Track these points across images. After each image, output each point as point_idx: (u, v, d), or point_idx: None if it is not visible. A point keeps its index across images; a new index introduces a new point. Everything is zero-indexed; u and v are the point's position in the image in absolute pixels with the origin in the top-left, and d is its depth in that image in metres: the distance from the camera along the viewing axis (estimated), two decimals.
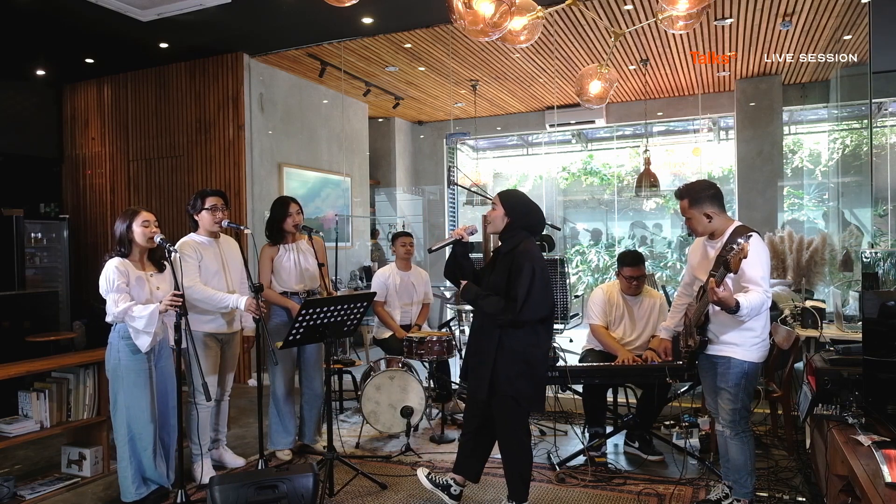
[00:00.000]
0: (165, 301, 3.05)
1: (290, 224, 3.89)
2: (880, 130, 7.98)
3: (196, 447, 3.54)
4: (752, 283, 2.74)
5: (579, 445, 3.90)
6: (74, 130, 7.19)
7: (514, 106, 9.17)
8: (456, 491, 3.18)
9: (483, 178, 9.69)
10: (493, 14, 2.40)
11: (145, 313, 3.04)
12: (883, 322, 2.66)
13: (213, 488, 2.78)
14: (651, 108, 8.65)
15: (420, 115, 9.81)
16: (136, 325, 3.06)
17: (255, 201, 6.37)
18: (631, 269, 3.95)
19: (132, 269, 3.18)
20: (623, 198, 11.33)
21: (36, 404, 3.42)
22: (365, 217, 8.52)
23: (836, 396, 2.74)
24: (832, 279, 5.51)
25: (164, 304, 3.04)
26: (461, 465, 3.20)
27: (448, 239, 3.20)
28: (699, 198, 2.93)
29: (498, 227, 3.05)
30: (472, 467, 3.19)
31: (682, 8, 2.61)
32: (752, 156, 8.04)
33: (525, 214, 3.05)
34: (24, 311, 6.00)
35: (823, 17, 5.66)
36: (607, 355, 3.95)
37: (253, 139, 6.39)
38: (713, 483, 3.36)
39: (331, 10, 3.63)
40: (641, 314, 4.03)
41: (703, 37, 6.25)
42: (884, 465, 2.13)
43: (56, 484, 3.56)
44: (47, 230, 6.89)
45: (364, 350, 6.09)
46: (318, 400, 4.03)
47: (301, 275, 3.94)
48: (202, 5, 5.03)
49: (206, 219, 3.59)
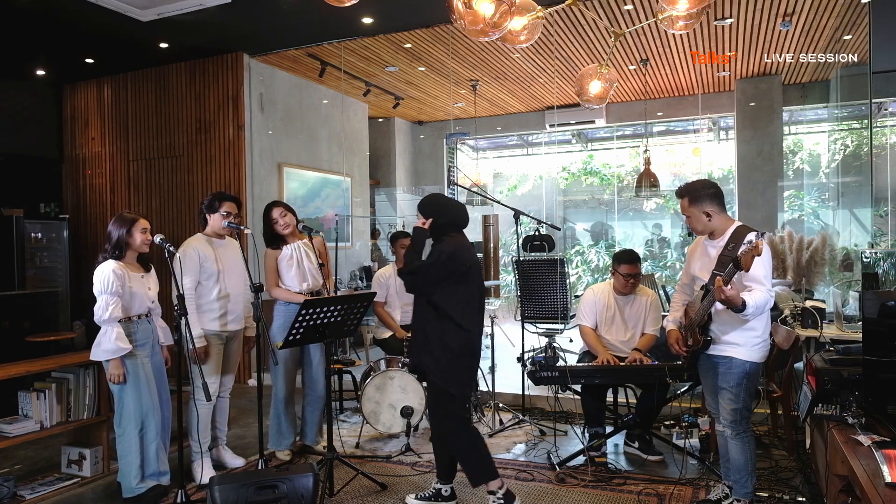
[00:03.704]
0: (114, 374, 3.18)
1: (280, 227, 3.91)
2: (880, 130, 7.98)
3: (196, 446, 3.55)
4: (755, 283, 2.74)
5: (579, 445, 3.90)
6: (74, 130, 7.19)
7: (514, 106, 9.17)
8: (447, 492, 3.22)
9: (483, 178, 9.70)
10: (493, 14, 2.40)
11: (115, 344, 3.13)
12: (883, 322, 2.65)
13: (213, 488, 2.77)
14: (651, 108, 8.65)
15: (420, 115, 9.81)
16: (107, 337, 3.14)
17: (256, 201, 6.37)
18: (627, 267, 3.95)
19: (128, 273, 3.25)
20: (623, 198, 11.33)
21: (36, 404, 3.43)
22: (365, 217, 8.52)
23: (836, 396, 2.74)
24: (832, 279, 5.51)
25: (113, 374, 3.18)
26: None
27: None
28: (699, 196, 2.93)
29: (428, 234, 3.18)
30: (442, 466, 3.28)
31: (682, 8, 2.61)
32: (752, 156, 8.04)
33: (440, 212, 3.17)
34: (24, 311, 6.01)
35: (823, 17, 5.66)
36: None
37: (253, 139, 6.39)
38: (713, 483, 3.36)
39: (331, 10, 3.64)
40: (633, 314, 4.03)
41: (703, 37, 6.25)
42: (884, 465, 2.13)
43: (56, 484, 3.56)
44: (47, 230, 6.88)
45: (364, 350, 6.09)
46: (320, 401, 4.03)
47: (304, 275, 3.95)
48: (202, 5, 5.03)
49: (217, 222, 3.65)
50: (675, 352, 3.13)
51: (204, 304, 3.58)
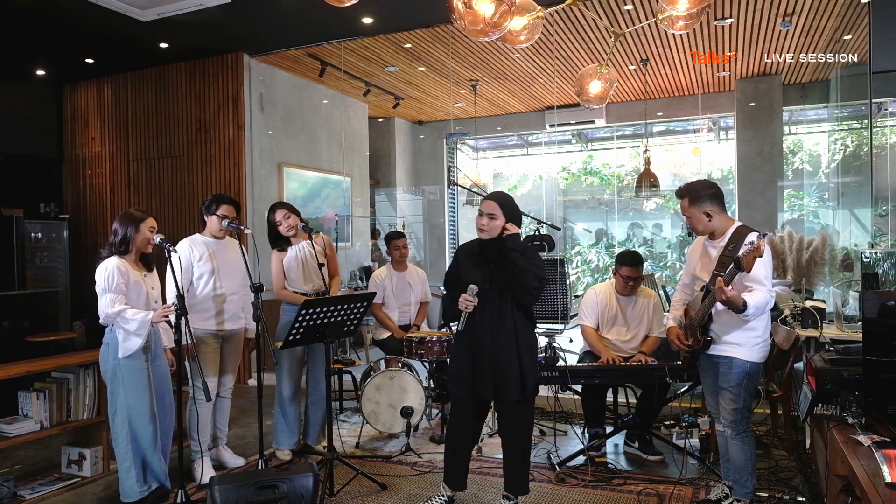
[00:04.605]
0: (159, 312, 3.10)
1: (285, 229, 3.91)
2: (880, 130, 7.98)
3: (196, 446, 3.54)
4: (755, 283, 2.74)
5: (579, 445, 3.89)
6: (74, 130, 7.19)
7: (514, 106, 9.17)
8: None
9: (483, 178, 9.69)
10: (493, 14, 2.39)
11: (139, 317, 3.07)
12: (883, 322, 2.65)
13: (213, 488, 2.77)
14: (651, 108, 8.65)
15: (420, 115, 9.81)
16: (128, 327, 3.08)
17: (256, 201, 6.37)
18: (629, 269, 3.95)
19: (131, 270, 3.19)
20: (623, 198, 11.33)
21: (36, 404, 3.43)
22: (365, 217, 8.52)
23: (836, 396, 2.74)
24: (832, 279, 5.51)
25: (158, 315, 3.10)
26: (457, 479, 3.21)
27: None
28: (699, 196, 2.93)
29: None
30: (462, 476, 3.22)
31: (682, 8, 2.61)
32: (752, 156, 8.03)
33: (518, 218, 3.11)
34: (24, 311, 6.01)
35: (823, 17, 5.65)
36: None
37: (253, 139, 6.39)
38: (713, 483, 3.37)
39: (331, 10, 3.63)
40: (635, 315, 4.02)
41: (703, 37, 6.25)
42: (884, 465, 2.13)
43: (56, 484, 3.56)
44: (47, 230, 6.88)
45: (364, 350, 6.09)
46: (324, 402, 4.02)
47: (308, 275, 3.96)
48: (202, 5, 5.03)
49: (215, 224, 3.67)
50: (676, 347, 3.12)
51: (198, 304, 3.57)
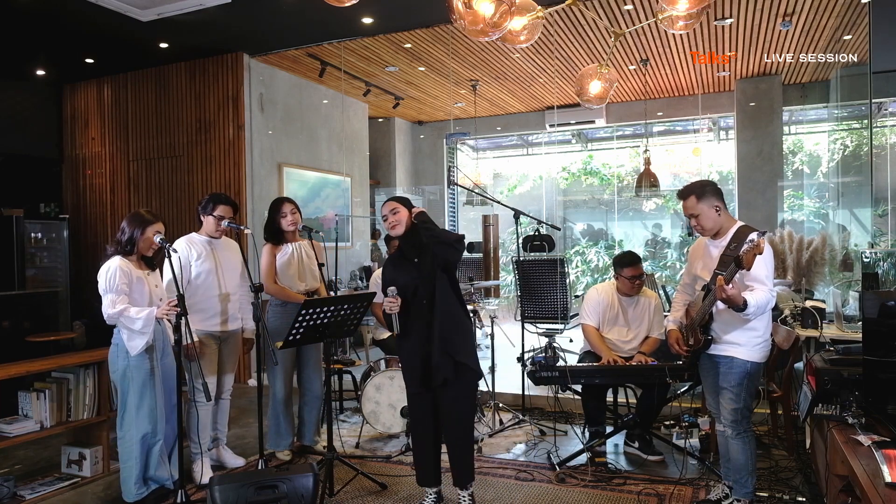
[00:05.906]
0: (163, 308, 3.08)
1: (287, 223, 3.90)
2: (880, 130, 7.98)
3: (196, 446, 3.54)
4: (756, 282, 2.74)
5: (579, 445, 3.90)
6: (74, 130, 7.19)
7: (514, 106, 9.17)
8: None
9: (483, 178, 9.70)
10: (493, 14, 2.39)
11: (142, 315, 3.06)
12: (883, 322, 2.65)
13: (213, 488, 2.77)
14: (651, 108, 8.65)
15: (420, 115, 9.81)
16: (133, 326, 3.07)
17: (255, 201, 6.37)
18: (631, 269, 3.95)
19: (133, 270, 3.19)
20: (623, 198, 11.33)
21: (36, 404, 3.42)
22: (365, 217, 8.52)
23: (836, 396, 2.74)
24: (832, 279, 5.51)
25: (162, 311, 3.08)
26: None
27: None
28: (705, 192, 2.92)
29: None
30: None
31: (682, 8, 2.61)
32: (752, 156, 8.04)
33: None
34: (24, 311, 6.00)
35: (823, 17, 5.66)
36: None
37: (253, 139, 6.39)
38: (713, 483, 3.36)
39: (331, 10, 3.64)
40: (636, 315, 4.03)
41: (703, 37, 6.25)
42: (884, 465, 2.13)
43: (56, 484, 3.56)
44: (47, 230, 6.88)
45: (364, 350, 6.09)
46: (317, 401, 4.03)
47: (304, 274, 3.95)
48: (202, 5, 5.03)
49: (211, 224, 3.65)
50: (676, 352, 3.13)
51: (196, 304, 3.55)
